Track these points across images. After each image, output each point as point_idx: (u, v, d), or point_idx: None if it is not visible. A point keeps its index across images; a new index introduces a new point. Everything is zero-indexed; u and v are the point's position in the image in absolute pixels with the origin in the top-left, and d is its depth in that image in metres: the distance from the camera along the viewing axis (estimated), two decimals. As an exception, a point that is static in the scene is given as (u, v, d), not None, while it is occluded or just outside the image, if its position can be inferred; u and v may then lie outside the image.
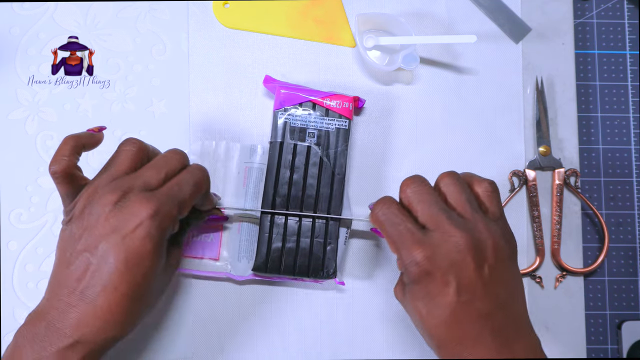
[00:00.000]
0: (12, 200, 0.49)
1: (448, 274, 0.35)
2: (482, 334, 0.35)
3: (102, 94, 0.51)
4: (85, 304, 0.35)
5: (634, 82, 0.54)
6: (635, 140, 0.53)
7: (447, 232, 0.36)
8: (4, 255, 0.48)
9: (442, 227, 0.36)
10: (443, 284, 0.35)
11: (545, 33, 0.53)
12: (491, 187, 0.39)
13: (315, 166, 0.47)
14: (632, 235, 0.52)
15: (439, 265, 0.36)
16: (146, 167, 0.39)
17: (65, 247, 0.37)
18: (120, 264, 0.35)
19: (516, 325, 0.36)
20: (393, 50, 0.51)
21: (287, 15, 0.52)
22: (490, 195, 0.39)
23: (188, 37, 0.52)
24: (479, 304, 0.35)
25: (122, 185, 0.37)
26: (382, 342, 0.48)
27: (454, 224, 0.36)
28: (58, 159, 0.38)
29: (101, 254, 0.35)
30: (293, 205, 0.46)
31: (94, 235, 0.36)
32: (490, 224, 0.37)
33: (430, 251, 0.36)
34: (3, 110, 0.50)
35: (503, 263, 0.37)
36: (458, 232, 0.36)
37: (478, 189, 0.39)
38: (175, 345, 0.47)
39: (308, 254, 0.46)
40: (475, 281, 0.35)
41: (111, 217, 0.36)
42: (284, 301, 0.48)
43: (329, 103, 0.47)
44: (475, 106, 0.51)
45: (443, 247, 0.36)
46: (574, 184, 0.50)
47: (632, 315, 0.51)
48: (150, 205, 0.36)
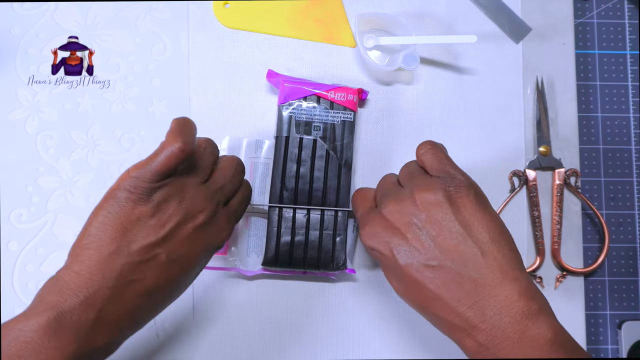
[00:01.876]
0: (12, 200, 0.49)
1: (386, 244, 0.37)
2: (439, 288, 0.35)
3: (102, 94, 0.51)
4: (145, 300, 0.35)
5: (634, 82, 0.54)
6: (635, 140, 0.53)
7: (380, 207, 0.39)
8: (4, 255, 0.48)
9: (379, 205, 0.40)
10: (385, 255, 0.38)
11: (546, 33, 0.53)
12: (425, 146, 0.40)
13: (321, 159, 0.47)
14: (632, 235, 0.52)
15: (377, 239, 0.38)
16: (226, 179, 0.40)
17: (127, 222, 0.35)
18: (188, 273, 0.37)
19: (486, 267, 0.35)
20: (393, 50, 0.51)
21: (287, 15, 0.52)
22: (425, 154, 0.40)
23: (188, 37, 0.52)
24: (424, 260, 0.36)
25: (214, 199, 0.38)
26: (395, 336, 0.48)
27: (386, 197, 0.39)
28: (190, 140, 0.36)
29: (175, 258, 0.36)
30: (301, 198, 0.46)
31: (179, 237, 0.36)
32: (423, 182, 0.38)
33: (368, 228, 0.39)
34: (3, 110, 0.50)
35: (442, 213, 0.36)
36: (386, 203, 0.38)
37: (418, 152, 0.41)
38: (183, 342, 0.47)
39: (317, 246, 0.46)
40: (410, 242, 0.37)
41: (202, 228, 0.37)
42: (293, 295, 0.48)
43: (333, 96, 0.47)
44: (475, 106, 0.51)
45: (376, 221, 0.39)
46: (574, 184, 0.50)
47: (632, 315, 0.51)
48: (231, 227, 0.40)
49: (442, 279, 0.35)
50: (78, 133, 0.50)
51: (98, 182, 0.49)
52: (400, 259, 0.36)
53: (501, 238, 0.36)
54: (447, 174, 0.38)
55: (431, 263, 0.36)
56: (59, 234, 0.49)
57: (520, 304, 0.33)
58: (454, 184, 0.37)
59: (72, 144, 0.50)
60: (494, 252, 0.35)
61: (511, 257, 0.36)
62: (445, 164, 0.39)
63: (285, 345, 0.48)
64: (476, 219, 0.36)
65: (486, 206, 0.38)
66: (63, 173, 0.49)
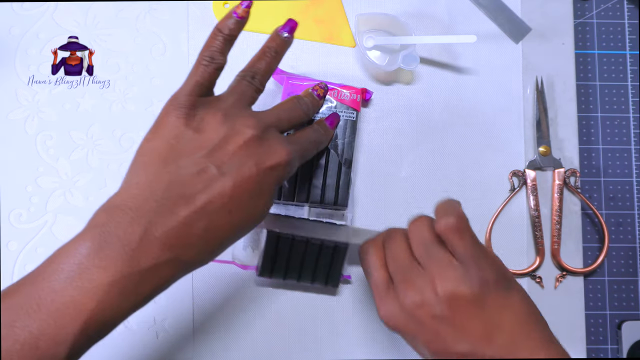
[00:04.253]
0: (12, 200, 0.49)
1: (408, 329, 0.37)
2: None
3: (102, 94, 0.51)
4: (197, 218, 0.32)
5: (634, 82, 0.54)
6: (635, 140, 0.53)
7: (397, 291, 0.37)
8: (4, 255, 0.48)
9: (396, 285, 0.38)
10: (410, 339, 0.37)
11: (545, 33, 0.53)
12: (451, 226, 0.35)
13: (322, 156, 0.47)
14: (632, 235, 0.52)
15: (399, 324, 0.37)
16: (281, 109, 0.39)
17: (173, 139, 0.34)
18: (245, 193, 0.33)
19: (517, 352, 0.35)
20: (393, 50, 0.51)
21: (287, 15, 0.52)
22: (452, 233, 0.35)
23: (188, 37, 0.52)
24: (456, 348, 0.35)
25: (263, 119, 0.36)
26: (390, 341, 0.48)
27: (405, 282, 0.37)
28: (219, 52, 0.37)
29: (228, 172, 0.33)
30: (299, 193, 0.46)
31: (227, 151, 0.34)
32: (446, 271, 0.36)
33: (387, 310, 0.37)
34: (3, 110, 0.50)
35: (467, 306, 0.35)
36: (406, 291, 0.36)
37: (439, 226, 0.36)
38: (183, 342, 0.47)
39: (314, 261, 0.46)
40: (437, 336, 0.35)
41: (252, 144, 0.34)
42: (292, 295, 0.48)
43: (337, 94, 0.47)
44: (475, 106, 0.51)
45: (396, 307, 0.37)
46: (574, 184, 0.50)
47: (632, 315, 0.51)
48: (287, 151, 0.36)
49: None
50: (78, 133, 0.50)
51: (98, 182, 0.49)
52: (428, 354, 0.36)
53: (530, 321, 0.36)
54: (474, 264, 0.35)
55: (461, 351, 0.35)
56: (59, 234, 0.49)
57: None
58: (479, 276, 0.35)
59: (71, 144, 0.50)
60: (524, 336, 0.35)
61: (541, 334, 0.36)
62: (474, 253, 0.35)
63: (285, 345, 0.48)
64: (503, 307, 0.35)
65: (510, 289, 0.36)
66: (63, 173, 0.49)
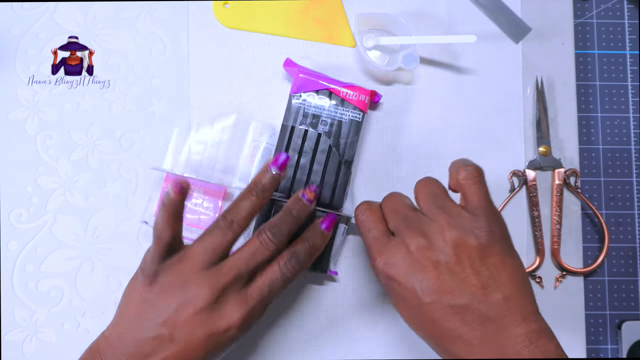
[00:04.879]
0: (12, 200, 0.49)
1: (408, 278, 0.36)
2: (460, 327, 0.35)
3: (102, 94, 0.51)
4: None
5: (634, 82, 0.54)
6: (635, 140, 0.53)
7: (403, 238, 0.37)
8: (4, 255, 0.48)
9: (400, 233, 0.38)
10: (406, 288, 0.37)
11: (545, 33, 0.53)
12: (471, 174, 0.37)
13: (323, 153, 0.47)
14: (632, 235, 0.52)
15: (398, 271, 0.37)
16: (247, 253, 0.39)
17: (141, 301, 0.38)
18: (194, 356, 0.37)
19: (508, 310, 0.35)
20: (393, 50, 0.51)
21: (287, 15, 0.52)
22: (469, 183, 0.37)
23: (188, 37, 0.52)
24: (449, 300, 0.35)
25: (219, 282, 0.37)
26: (372, 337, 0.48)
27: (411, 228, 0.37)
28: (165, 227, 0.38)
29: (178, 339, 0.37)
30: (297, 188, 0.46)
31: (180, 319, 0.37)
32: (456, 219, 0.37)
33: (388, 258, 0.38)
34: (3, 110, 0.50)
35: (471, 256, 0.36)
36: (413, 236, 0.37)
37: (458, 176, 0.38)
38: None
39: None
40: (437, 281, 0.36)
41: (203, 313, 0.37)
42: (290, 294, 0.48)
43: (345, 94, 0.47)
44: (475, 106, 0.51)
45: (399, 252, 0.37)
46: (574, 184, 0.50)
47: (632, 315, 0.51)
48: (240, 315, 0.37)
49: (466, 319, 0.35)
50: (78, 133, 0.50)
51: (98, 182, 0.49)
52: (424, 297, 0.36)
53: (523, 286, 0.36)
54: (485, 216, 0.36)
55: (458, 303, 0.35)
56: (59, 234, 0.49)
57: (539, 343, 0.34)
58: (488, 228, 0.36)
59: (71, 144, 0.50)
60: (516, 297, 0.36)
61: (530, 301, 0.36)
62: (487, 206, 0.37)
63: (282, 345, 0.48)
64: (503, 265, 0.36)
65: (511, 251, 0.37)
66: (63, 173, 0.49)
